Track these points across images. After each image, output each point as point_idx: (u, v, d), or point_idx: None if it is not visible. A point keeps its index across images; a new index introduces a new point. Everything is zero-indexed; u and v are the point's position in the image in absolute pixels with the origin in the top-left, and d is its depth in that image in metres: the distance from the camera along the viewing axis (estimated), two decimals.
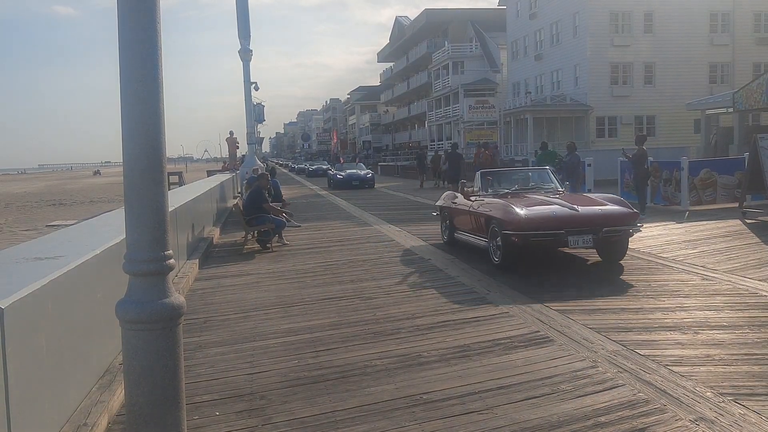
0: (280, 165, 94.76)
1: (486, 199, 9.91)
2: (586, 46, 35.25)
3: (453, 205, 11.07)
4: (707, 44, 35.83)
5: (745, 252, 9.63)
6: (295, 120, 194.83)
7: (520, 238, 8.45)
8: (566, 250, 9.53)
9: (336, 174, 32.24)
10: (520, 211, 8.60)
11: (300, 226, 13.44)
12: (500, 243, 8.78)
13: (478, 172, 11.15)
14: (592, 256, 9.55)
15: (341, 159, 53.39)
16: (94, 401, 4.21)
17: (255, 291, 8.19)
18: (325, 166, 50.37)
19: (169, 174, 16.44)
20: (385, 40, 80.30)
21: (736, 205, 14.69)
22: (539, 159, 19.62)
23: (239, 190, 24.47)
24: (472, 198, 10.35)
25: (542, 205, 9.06)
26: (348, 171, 32.68)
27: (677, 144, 30.94)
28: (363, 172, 32.64)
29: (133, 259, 3.15)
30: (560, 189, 10.33)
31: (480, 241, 9.78)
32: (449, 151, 26.74)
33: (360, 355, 5.40)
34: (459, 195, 11.02)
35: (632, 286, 7.75)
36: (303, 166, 61.47)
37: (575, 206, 8.79)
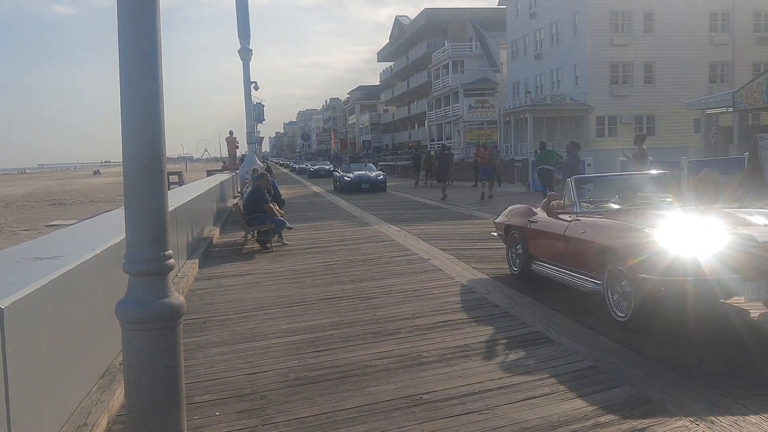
0: (280, 165, 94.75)
1: (588, 219, 6.79)
2: (586, 45, 35.25)
3: (530, 225, 7.93)
4: (707, 44, 35.83)
5: None
6: (295, 120, 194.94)
7: (670, 285, 5.38)
8: (733, 302, 6.25)
9: (343, 176, 28.96)
10: (668, 244, 5.52)
11: (292, 228, 12.97)
12: (629, 290, 5.76)
13: (570, 180, 7.63)
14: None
15: (347, 160, 47.22)
16: (94, 401, 4.21)
17: (255, 291, 8.19)
18: (327, 167, 47.54)
19: (169, 174, 16.36)
20: (384, 40, 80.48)
21: (736, 205, 14.68)
22: (538, 159, 19.76)
23: (239, 189, 24.47)
24: (565, 216, 7.24)
25: (683, 227, 6.03)
26: (356, 172, 29.32)
27: (677, 144, 30.96)
28: (374, 174, 29.30)
29: (133, 259, 3.15)
30: (692, 204, 7.51)
31: (584, 281, 6.58)
32: (438, 151, 28.43)
33: (360, 355, 5.40)
34: (538, 209, 8.07)
35: None
36: (304, 166, 60.19)
37: (750, 233, 5.67)
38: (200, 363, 5.33)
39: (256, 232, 12.08)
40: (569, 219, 7.11)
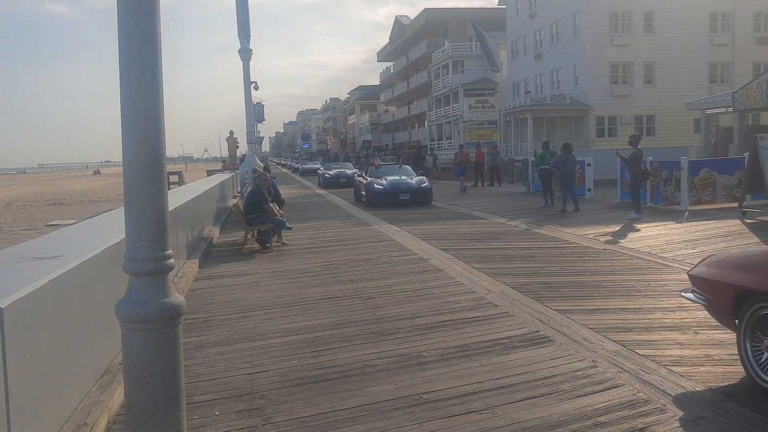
0: (282, 165, 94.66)
1: None
2: (586, 45, 35.24)
3: None
4: (707, 44, 35.82)
5: None
6: (295, 119, 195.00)
7: None
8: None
9: (372, 183, 20.71)
10: None
11: (291, 228, 12.95)
12: None
13: None
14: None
15: (376, 161, 34.73)
16: (93, 401, 4.21)
17: (255, 291, 8.19)
18: (350, 171, 33.55)
19: (169, 174, 16.37)
20: (382, 39, 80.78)
21: (736, 205, 14.70)
22: (539, 159, 19.93)
23: (239, 189, 24.47)
24: None
25: None
26: (390, 178, 20.98)
27: (677, 144, 30.93)
28: (414, 180, 20.89)
29: (133, 259, 3.15)
30: None
31: None
32: (414, 151, 33.59)
33: (360, 354, 5.40)
34: None
35: (632, 286, 7.74)
36: (311, 166, 51.65)
37: None
38: (200, 363, 5.33)
39: (255, 231, 12.08)
40: None
